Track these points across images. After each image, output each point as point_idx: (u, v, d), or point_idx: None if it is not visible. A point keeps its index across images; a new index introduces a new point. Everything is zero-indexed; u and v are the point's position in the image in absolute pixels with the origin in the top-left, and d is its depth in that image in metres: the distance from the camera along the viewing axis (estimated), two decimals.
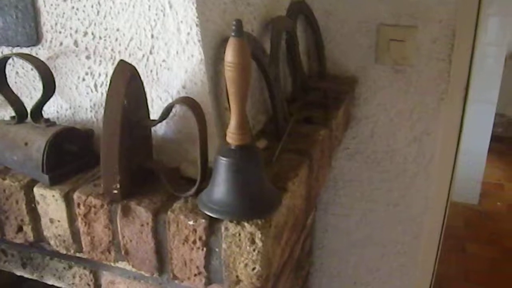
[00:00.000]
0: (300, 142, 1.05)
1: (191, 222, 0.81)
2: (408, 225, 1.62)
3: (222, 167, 0.78)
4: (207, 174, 0.85)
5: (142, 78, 0.90)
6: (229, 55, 0.73)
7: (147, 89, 0.93)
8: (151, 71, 0.94)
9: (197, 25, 0.87)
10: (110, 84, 0.84)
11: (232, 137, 0.77)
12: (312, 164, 1.02)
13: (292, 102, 1.25)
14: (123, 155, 0.84)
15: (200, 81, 0.90)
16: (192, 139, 0.89)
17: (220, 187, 0.79)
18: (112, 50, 0.96)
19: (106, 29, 0.95)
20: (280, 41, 1.12)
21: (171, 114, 0.89)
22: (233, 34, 0.73)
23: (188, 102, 0.82)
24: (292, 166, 0.96)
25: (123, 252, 0.91)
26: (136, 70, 0.86)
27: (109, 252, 0.92)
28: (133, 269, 0.92)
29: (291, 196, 0.90)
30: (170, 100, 0.94)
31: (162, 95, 0.94)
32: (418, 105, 1.47)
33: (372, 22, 1.43)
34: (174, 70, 0.92)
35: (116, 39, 0.95)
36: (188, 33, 0.88)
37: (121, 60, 0.85)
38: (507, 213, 3.58)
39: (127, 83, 0.82)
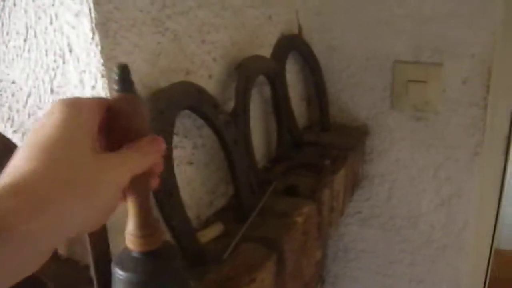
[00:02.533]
0: (271, 226, 0.78)
1: None
2: None
3: (119, 285, 0.52)
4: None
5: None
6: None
7: None
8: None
9: (102, 75, 0.61)
10: None
11: (131, 239, 0.51)
12: (283, 258, 0.74)
13: (275, 164, 0.98)
14: None
15: None
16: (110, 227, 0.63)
17: None
18: (9, 108, 0.71)
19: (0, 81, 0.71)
20: (249, 91, 0.85)
21: None
22: (116, 87, 0.47)
23: None
24: (250, 264, 0.69)
25: None
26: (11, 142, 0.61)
27: None
28: None
29: None
30: None
31: None
32: (445, 161, 1.17)
33: (386, 59, 1.15)
34: None
35: (13, 95, 0.71)
36: (93, 87, 0.63)
37: None
38: None
39: None
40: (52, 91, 0.66)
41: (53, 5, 0.62)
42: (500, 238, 1.41)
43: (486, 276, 1.33)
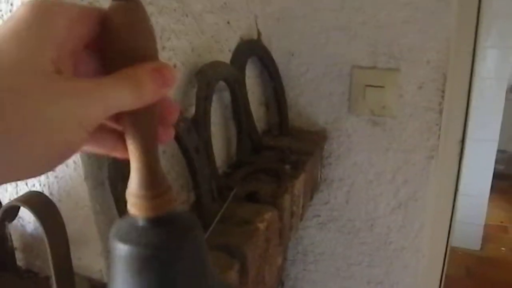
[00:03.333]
0: (233, 234, 0.78)
1: None
2: None
3: (122, 262, 0.39)
4: None
5: None
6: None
7: None
8: None
9: None
10: None
11: (137, 203, 0.39)
12: (245, 266, 0.74)
13: (236, 169, 0.98)
14: None
15: (72, 162, 0.63)
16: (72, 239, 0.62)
17: None
18: None
19: None
20: (210, 97, 0.84)
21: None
22: None
23: (33, 200, 0.55)
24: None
25: None
26: None
27: None
28: None
29: None
30: (37, 186, 0.67)
31: (28, 179, 0.67)
32: (402, 165, 1.19)
33: (344, 65, 1.16)
34: None
35: None
36: None
37: None
38: None
39: None
40: None
41: None
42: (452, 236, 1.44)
43: (441, 275, 1.36)
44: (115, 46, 0.35)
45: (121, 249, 0.38)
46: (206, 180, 0.79)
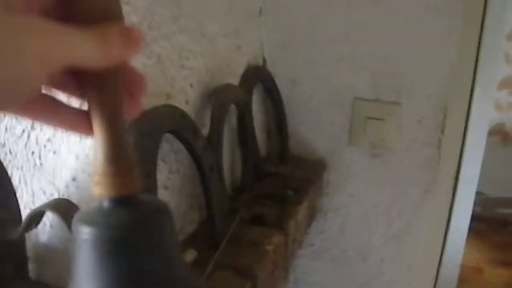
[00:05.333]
0: (242, 255, 0.78)
1: None
2: None
3: (84, 247, 0.36)
4: None
5: (21, 162, 0.63)
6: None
7: (26, 178, 0.65)
8: (33, 153, 0.66)
9: None
10: None
11: (101, 181, 0.36)
12: (256, 286, 0.74)
13: (240, 193, 0.98)
14: None
15: None
16: None
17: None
18: None
19: None
20: (224, 118, 0.85)
21: (46, 218, 0.61)
22: None
23: (60, 207, 0.55)
24: None
25: None
26: None
27: None
28: None
29: None
30: (56, 195, 0.66)
31: (47, 187, 0.66)
32: (398, 198, 1.20)
33: (346, 96, 1.17)
34: (62, 154, 0.65)
35: None
36: None
37: None
38: None
39: None
40: None
41: None
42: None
43: None
44: (83, 3, 0.33)
45: (86, 232, 0.35)
46: (219, 200, 0.79)
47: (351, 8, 1.11)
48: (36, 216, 0.56)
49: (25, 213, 0.61)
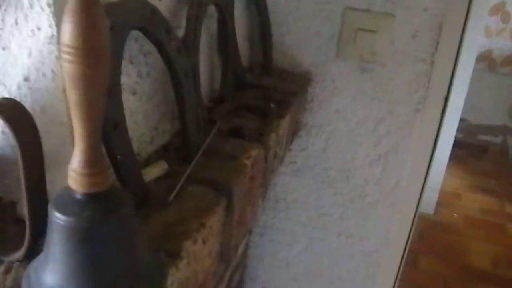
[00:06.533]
0: (218, 168, 0.72)
1: None
2: (362, 261, 1.31)
3: (58, 231, 0.44)
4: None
5: None
6: (67, 33, 0.38)
7: None
8: None
9: None
10: None
11: (76, 178, 0.43)
12: (232, 204, 0.68)
13: (219, 104, 0.91)
14: None
15: (51, 71, 0.55)
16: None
17: (56, 264, 0.45)
18: None
19: None
20: (201, 19, 0.77)
21: None
22: None
23: (6, 108, 0.47)
24: (198, 209, 0.63)
25: None
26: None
27: None
28: None
29: (189, 263, 0.57)
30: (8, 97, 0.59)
31: None
32: (386, 116, 1.14)
33: (336, 4, 1.09)
34: (12, 50, 0.56)
35: None
36: None
37: None
38: (463, 225, 3.34)
39: None
40: None
41: None
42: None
43: (409, 234, 1.33)
44: None
45: (61, 219, 0.43)
46: (193, 109, 0.72)
47: None
48: None
49: None
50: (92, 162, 0.42)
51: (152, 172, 0.67)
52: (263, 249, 1.38)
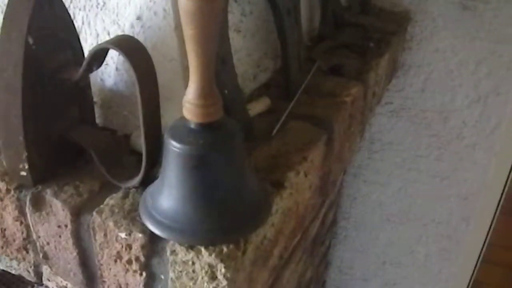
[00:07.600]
0: (319, 105, 0.73)
1: (123, 235, 0.52)
2: (457, 204, 1.30)
3: (174, 158, 0.48)
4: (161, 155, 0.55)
5: (83, 1, 0.59)
6: None
7: (90, 19, 0.62)
8: None
9: None
10: (6, 11, 0.53)
11: (191, 109, 0.46)
12: (332, 139, 0.70)
13: (318, 43, 0.92)
14: (29, 120, 0.54)
15: (162, 10, 0.58)
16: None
17: (172, 189, 0.50)
18: None
19: None
20: None
21: (111, 60, 0.58)
22: None
23: (124, 44, 0.51)
24: (300, 143, 0.65)
25: (41, 256, 0.62)
26: None
27: (27, 252, 0.64)
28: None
29: (292, 194, 0.60)
30: None
31: (111, 28, 0.63)
32: (488, 56, 1.11)
33: None
34: None
35: None
36: None
37: None
38: None
39: (32, 8, 0.51)
40: None
41: None
42: None
43: (507, 178, 1.30)
44: None
45: (175, 146, 0.47)
46: (295, 47, 0.73)
47: None
48: (99, 54, 0.52)
49: None
50: (206, 94, 0.45)
51: (256, 108, 0.70)
52: (357, 189, 1.40)
